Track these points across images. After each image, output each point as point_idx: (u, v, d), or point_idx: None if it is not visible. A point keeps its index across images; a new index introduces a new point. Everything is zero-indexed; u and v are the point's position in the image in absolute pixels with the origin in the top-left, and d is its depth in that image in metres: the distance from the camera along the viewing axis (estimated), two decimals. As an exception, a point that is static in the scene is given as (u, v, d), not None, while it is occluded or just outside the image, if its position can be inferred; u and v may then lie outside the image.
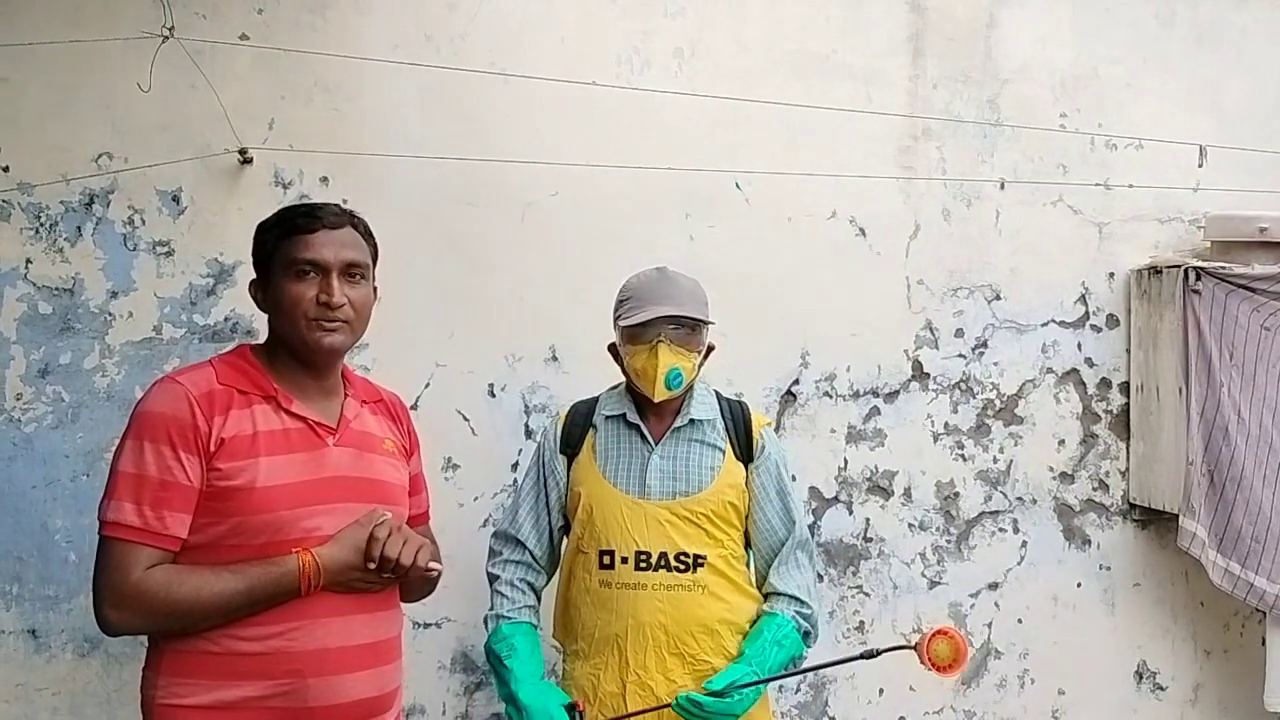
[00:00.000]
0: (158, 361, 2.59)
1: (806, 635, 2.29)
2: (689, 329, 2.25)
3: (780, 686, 2.98)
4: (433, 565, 1.86)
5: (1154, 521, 3.34)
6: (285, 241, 1.83)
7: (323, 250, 1.83)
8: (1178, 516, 3.12)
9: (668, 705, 2.13)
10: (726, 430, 2.33)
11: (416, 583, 1.94)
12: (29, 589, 2.54)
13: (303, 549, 1.74)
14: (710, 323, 2.29)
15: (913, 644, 2.10)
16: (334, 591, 1.77)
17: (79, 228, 2.58)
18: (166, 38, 2.47)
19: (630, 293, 2.29)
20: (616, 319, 2.31)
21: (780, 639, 2.20)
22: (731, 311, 2.64)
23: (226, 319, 2.65)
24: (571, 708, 2.16)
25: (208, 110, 2.59)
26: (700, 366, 2.31)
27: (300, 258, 1.82)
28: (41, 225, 2.56)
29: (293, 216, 1.86)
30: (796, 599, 2.28)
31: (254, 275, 1.91)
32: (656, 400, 2.26)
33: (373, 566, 1.78)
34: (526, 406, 2.88)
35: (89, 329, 2.58)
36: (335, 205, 1.92)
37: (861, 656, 2.13)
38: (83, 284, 2.58)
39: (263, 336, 1.98)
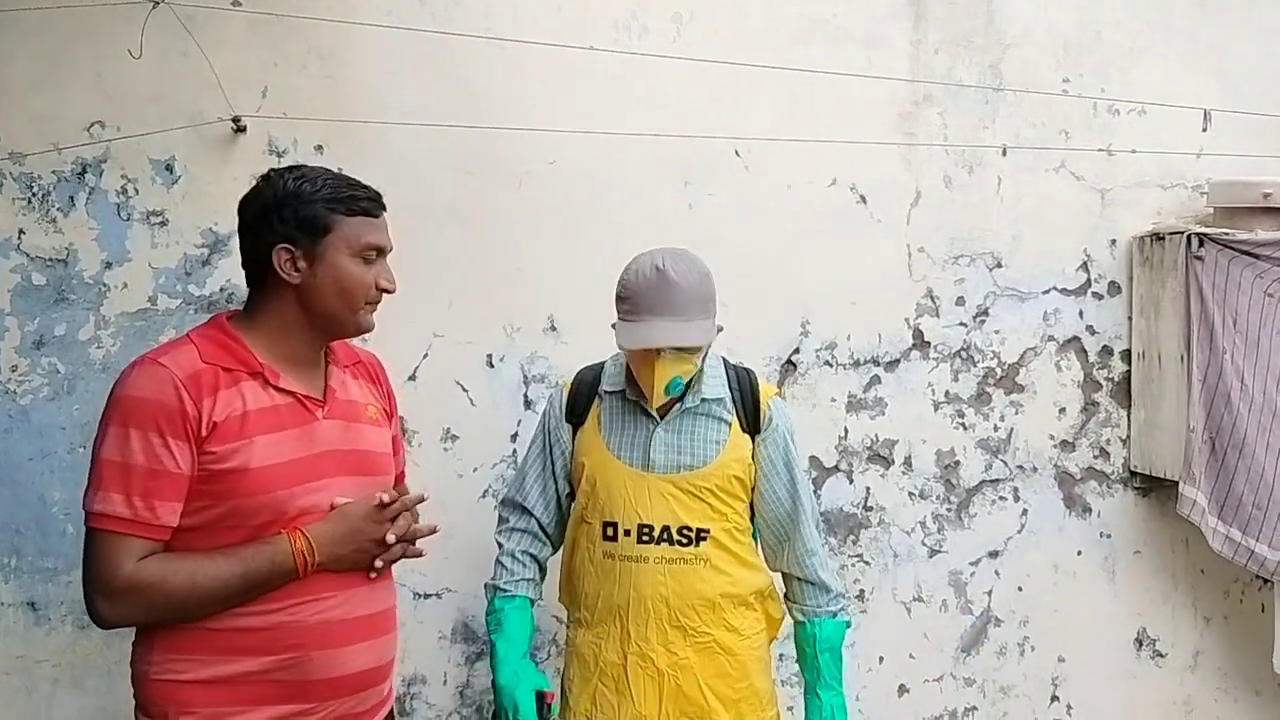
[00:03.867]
0: (154, 333, 2.57)
1: (840, 610, 2.36)
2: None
3: (780, 654, 2.98)
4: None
5: (1155, 489, 3.34)
6: (349, 220, 1.79)
7: (385, 237, 1.85)
8: (1178, 484, 3.12)
9: None
10: (734, 402, 2.30)
11: None
12: (27, 561, 2.53)
13: (292, 529, 1.72)
14: (712, 339, 2.24)
15: None
16: (330, 570, 1.76)
17: (71, 198, 2.55)
18: (157, 3, 2.44)
19: (628, 292, 2.19)
20: (617, 313, 2.24)
21: (825, 646, 2.29)
22: (731, 280, 2.60)
23: (222, 289, 2.63)
24: (540, 696, 2.20)
25: (200, 78, 2.56)
26: (706, 353, 2.27)
27: (372, 243, 1.81)
28: (34, 195, 2.53)
29: (354, 196, 1.81)
30: (818, 586, 2.32)
31: (276, 240, 1.78)
32: (655, 406, 2.23)
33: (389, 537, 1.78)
34: (525, 377, 2.86)
35: (83, 300, 2.55)
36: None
37: None
38: (76, 255, 2.55)
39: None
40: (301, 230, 1.78)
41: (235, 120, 2.59)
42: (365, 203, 1.82)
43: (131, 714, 1.78)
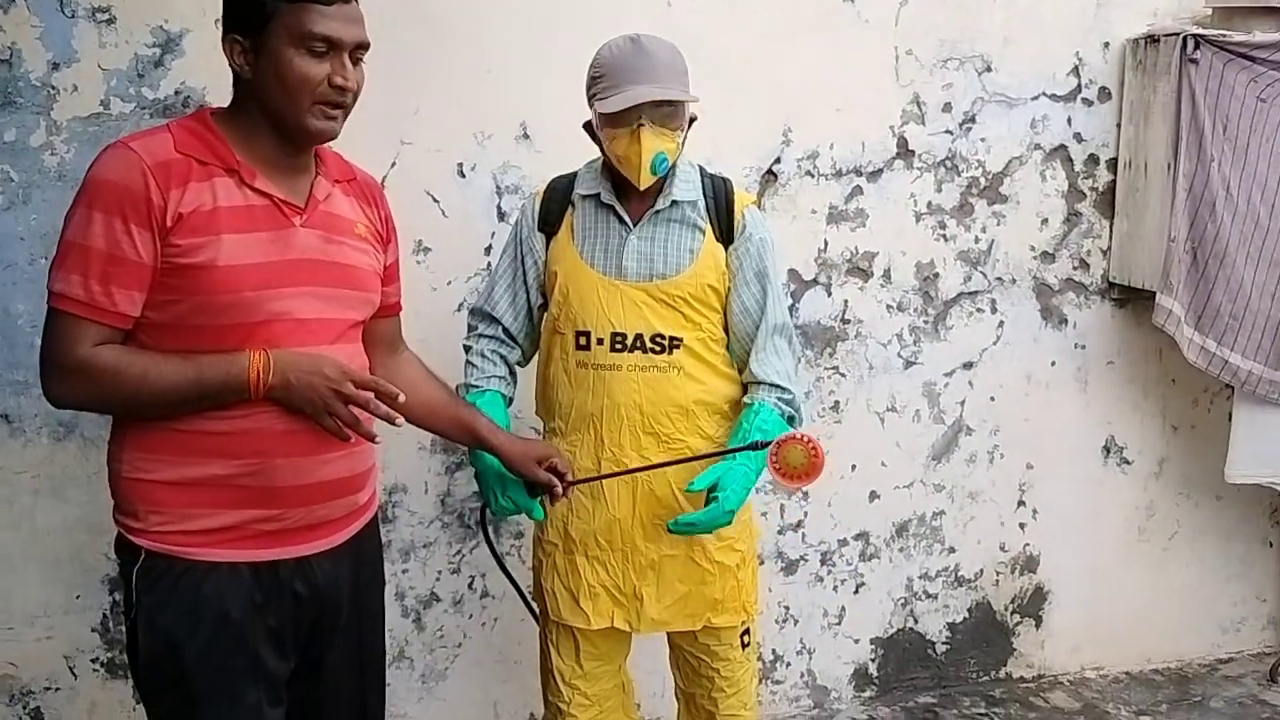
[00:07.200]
0: (108, 138, 2.41)
1: (791, 420, 2.27)
2: (671, 106, 2.13)
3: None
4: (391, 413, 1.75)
5: (1132, 300, 3.34)
6: (295, 7, 1.66)
7: (340, 28, 1.69)
8: (1156, 295, 3.11)
9: (636, 470, 2.16)
10: (708, 210, 2.25)
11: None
12: (-3, 375, 2.51)
13: (258, 347, 1.68)
14: (693, 98, 2.17)
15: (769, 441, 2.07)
16: (284, 407, 1.70)
17: (10, -8, 2.40)
18: None
19: (603, 69, 2.14)
20: (591, 98, 2.18)
21: (762, 425, 2.17)
22: (710, 85, 2.50)
23: (177, 92, 2.51)
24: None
25: None
26: (684, 143, 2.21)
27: (317, 33, 1.67)
28: (-31, -10, 2.38)
29: None
30: (776, 386, 2.25)
31: (229, 29, 1.71)
32: (642, 188, 2.16)
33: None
34: (498, 187, 2.79)
35: (32, 103, 2.44)
36: None
37: (748, 448, 2.10)
38: (20, 55, 2.42)
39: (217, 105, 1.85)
40: (247, 18, 1.69)
41: (180, -94, 2.42)
42: None
43: (112, 522, 1.79)
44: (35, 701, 2.60)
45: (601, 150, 2.22)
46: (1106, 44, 3.19)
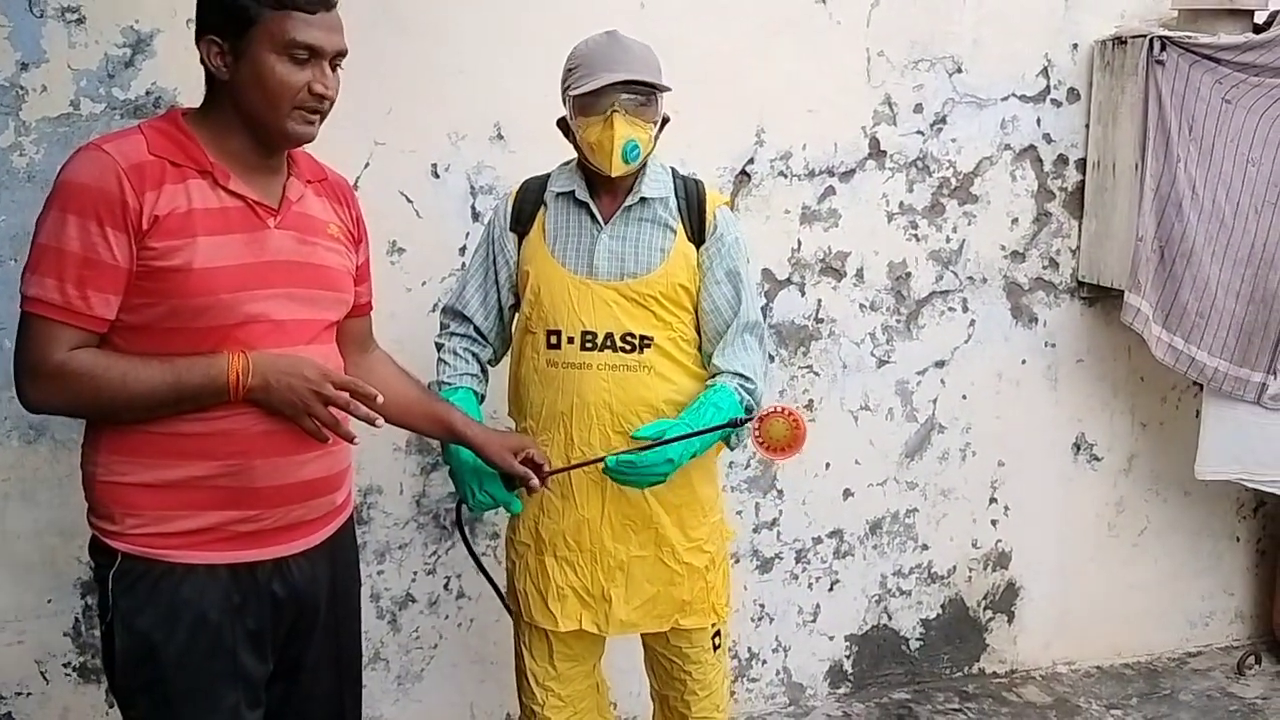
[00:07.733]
0: (78, 139, 2.43)
1: (749, 410, 2.25)
2: (644, 97, 2.14)
3: (730, 461, 3.05)
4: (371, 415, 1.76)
5: (1101, 299, 3.38)
6: (279, 15, 1.66)
7: (322, 36, 1.70)
8: (1124, 293, 3.15)
9: (601, 459, 2.14)
10: (679, 210, 2.26)
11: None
12: (-34, 378, 2.48)
13: (236, 349, 1.68)
14: (666, 88, 2.19)
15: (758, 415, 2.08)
16: (263, 409, 1.70)
17: (-23, -8, 2.37)
18: None
19: (579, 60, 2.16)
20: (565, 89, 2.19)
21: (718, 402, 2.17)
22: (685, 86, 2.50)
23: (148, 93, 2.50)
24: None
25: None
26: (656, 139, 2.22)
27: (300, 41, 1.67)
28: (-65, -11, 2.35)
29: None
30: (740, 375, 2.24)
31: (205, 30, 1.71)
32: (614, 175, 2.16)
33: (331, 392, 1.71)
34: (472, 188, 2.79)
35: (0, 104, 2.41)
36: None
37: (727, 425, 2.11)
38: (-12, 55, 2.40)
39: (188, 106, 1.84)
40: (227, 21, 1.68)
41: (150, -94, 2.40)
42: None
43: (85, 525, 1.78)
44: (6, 707, 2.58)
45: (575, 147, 2.23)
46: (1075, 45, 3.23)
